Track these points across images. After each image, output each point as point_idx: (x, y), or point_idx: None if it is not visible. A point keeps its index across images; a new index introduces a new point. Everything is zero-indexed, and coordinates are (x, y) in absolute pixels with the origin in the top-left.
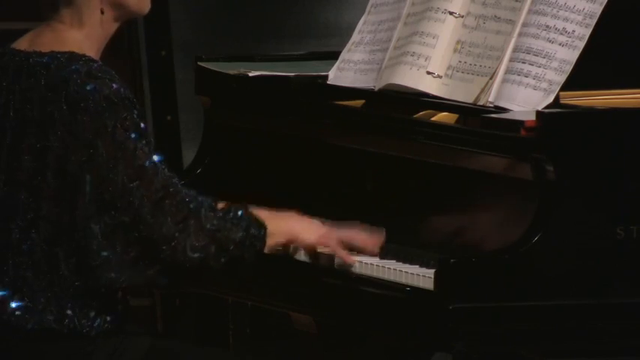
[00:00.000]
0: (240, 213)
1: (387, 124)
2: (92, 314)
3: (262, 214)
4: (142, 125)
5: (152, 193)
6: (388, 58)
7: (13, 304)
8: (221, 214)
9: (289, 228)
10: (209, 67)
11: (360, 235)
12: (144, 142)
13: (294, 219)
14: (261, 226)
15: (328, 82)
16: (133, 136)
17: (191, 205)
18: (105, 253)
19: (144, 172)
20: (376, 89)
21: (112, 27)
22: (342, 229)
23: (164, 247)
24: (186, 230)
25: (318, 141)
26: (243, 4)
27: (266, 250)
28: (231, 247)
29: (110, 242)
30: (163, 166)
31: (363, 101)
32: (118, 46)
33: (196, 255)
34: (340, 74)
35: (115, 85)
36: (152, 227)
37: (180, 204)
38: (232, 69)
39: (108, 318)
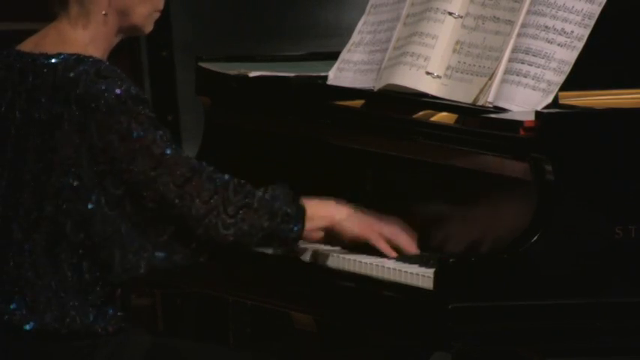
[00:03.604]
0: (276, 191)
1: (386, 124)
2: (93, 314)
3: (304, 199)
4: (155, 119)
5: (176, 177)
6: (388, 58)
7: (14, 304)
8: (250, 189)
9: (330, 214)
10: (209, 67)
11: (401, 235)
12: (160, 132)
13: (334, 206)
14: (298, 207)
15: (328, 83)
16: (149, 129)
17: (217, 183)
18: (136, 243)
19: (165, 160)
20: (376, 89)
21: (115, 38)
22: (384, 222)
23: (198, 230)
24: (216, 208)
25: (318, 141)
26: (243, 4)
27: (305, 235)
28: (265, 225)
29: (142, 231)
30: (183, 153)
31: (362, 101)
32: (118, 47)
33: (230, 231)
34: (340, 74)
35: (125, 84)
36: (181, 210)
37: (206, 182)
38: (232, 69)
39: (109, 318)
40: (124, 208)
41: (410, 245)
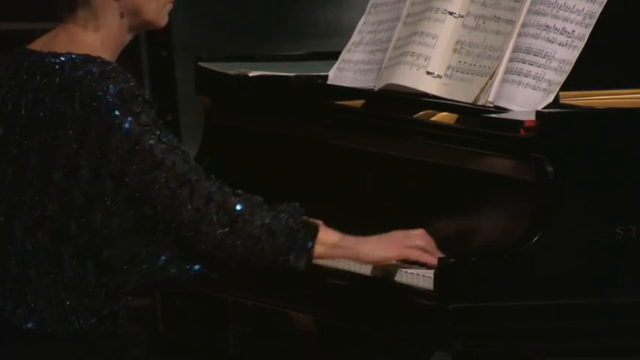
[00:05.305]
0: (290, 221)
1: (387, 124)
2: (93, 316)
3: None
4: (160, 122)
5: (172, 182)
6: (388, 58)
7: (15, 303)
8: (269, 219)
9: (354, 247)
10: (209, 67)
11: (431, 243)
12: (158, 132)
13: (359, 239)
14: (308, 224)
15: (328, 82)
16: (148, 131)
17: (214, 190)
18: (133, 251)
19: (162, 163)
20: (376, 89)
21: (127, 36)
22: (412, 236)
23: (195, 238)
24: (209, 216)
25: (318, 141)
26: (243, 4)
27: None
28: (274, 254)
29: (139, 238)
30: (184, 156)
31: (363, 101)
32: None
33: (227, 241)
34: (340, 74)
35: (128, 84)
36: (175, 216)
37: (203, 189)
38: (232, 69)
39: (108, 320)
40: (123, 213)
41: (430, 258)
